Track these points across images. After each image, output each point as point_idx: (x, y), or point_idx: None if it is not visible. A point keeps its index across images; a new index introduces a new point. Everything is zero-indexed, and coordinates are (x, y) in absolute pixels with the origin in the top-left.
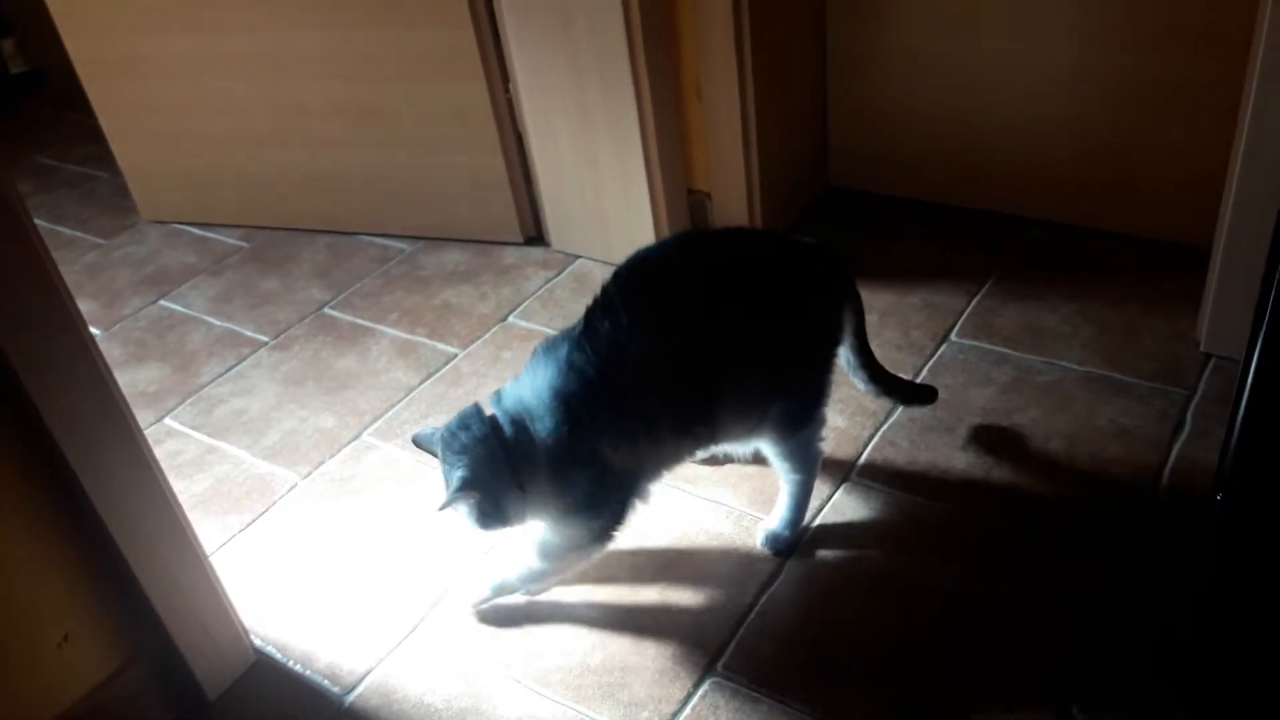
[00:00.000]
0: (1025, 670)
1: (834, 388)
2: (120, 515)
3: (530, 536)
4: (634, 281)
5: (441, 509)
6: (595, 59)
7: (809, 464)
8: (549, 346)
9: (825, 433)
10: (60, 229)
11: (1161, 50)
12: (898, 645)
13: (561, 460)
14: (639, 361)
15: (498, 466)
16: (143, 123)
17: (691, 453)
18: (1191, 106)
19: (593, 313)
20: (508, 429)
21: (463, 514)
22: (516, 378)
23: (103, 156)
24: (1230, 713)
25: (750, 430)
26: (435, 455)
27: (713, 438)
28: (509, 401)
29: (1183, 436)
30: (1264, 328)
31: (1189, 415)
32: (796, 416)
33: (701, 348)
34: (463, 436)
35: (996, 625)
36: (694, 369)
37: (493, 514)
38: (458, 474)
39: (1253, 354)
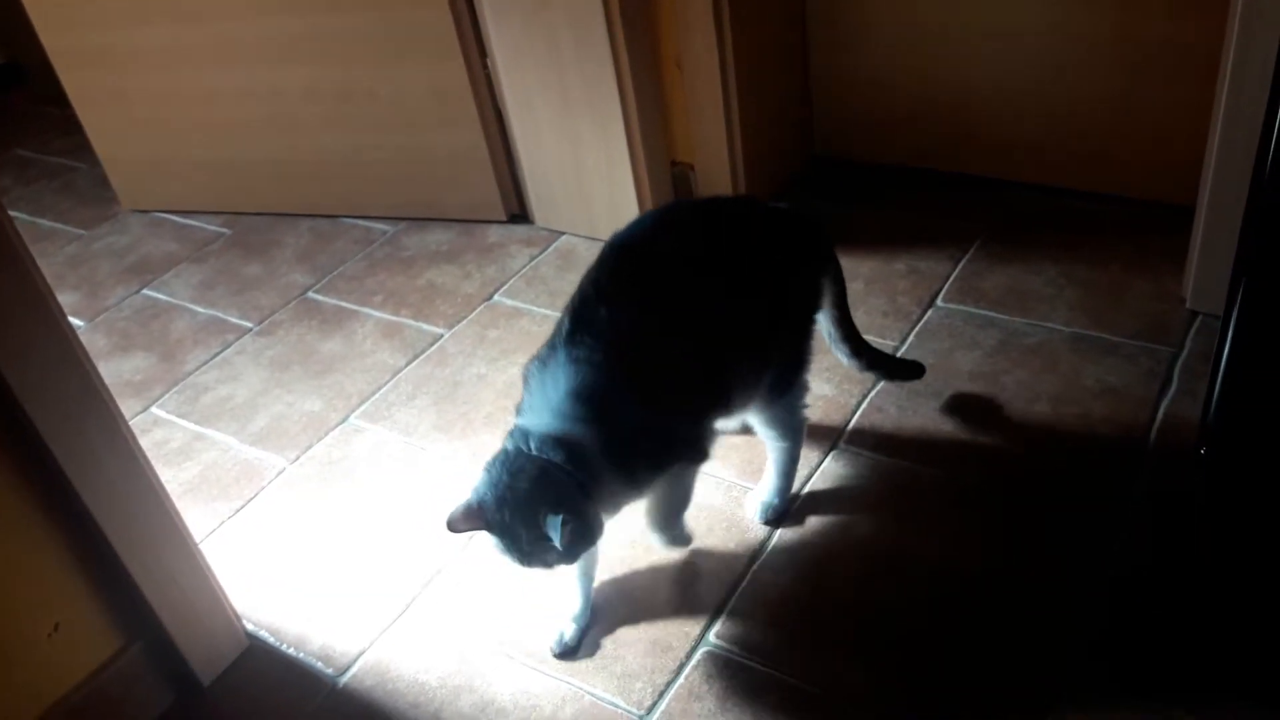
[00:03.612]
0: (1016, 633)
1: (823, 356)
2: (107, 505)
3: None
4: (621, 264)
5: (567, 552)
6: (572, 32)
7: (794, 431)
8: (541, 361)
9: (813, 400)
10: (40, 221)
11: (1140, 11)
12: (888, 610)
13: (617, 449)
14: (644, 337)
15: (569, 488)
16: (120, 113)
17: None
18: (1171, 66)
19: (582, 306)
20: (551, 452)
21: (550, 552)
22: (524, 410)
23: (81, 148)
24: (1221, 669)
25: (750, 400)
26: (483, 525)
27: (726, 412)
28: (536, 429)
29: (1170, 394)
30: (1242, 283)
31: (1175, 372)
32: (780, 383)
33: (699, 323)
34: (522, 480)
35: (987, 588)
36: (695, 347)
37: (583, 534)
38: (546, 511)
39: (1232, 310)
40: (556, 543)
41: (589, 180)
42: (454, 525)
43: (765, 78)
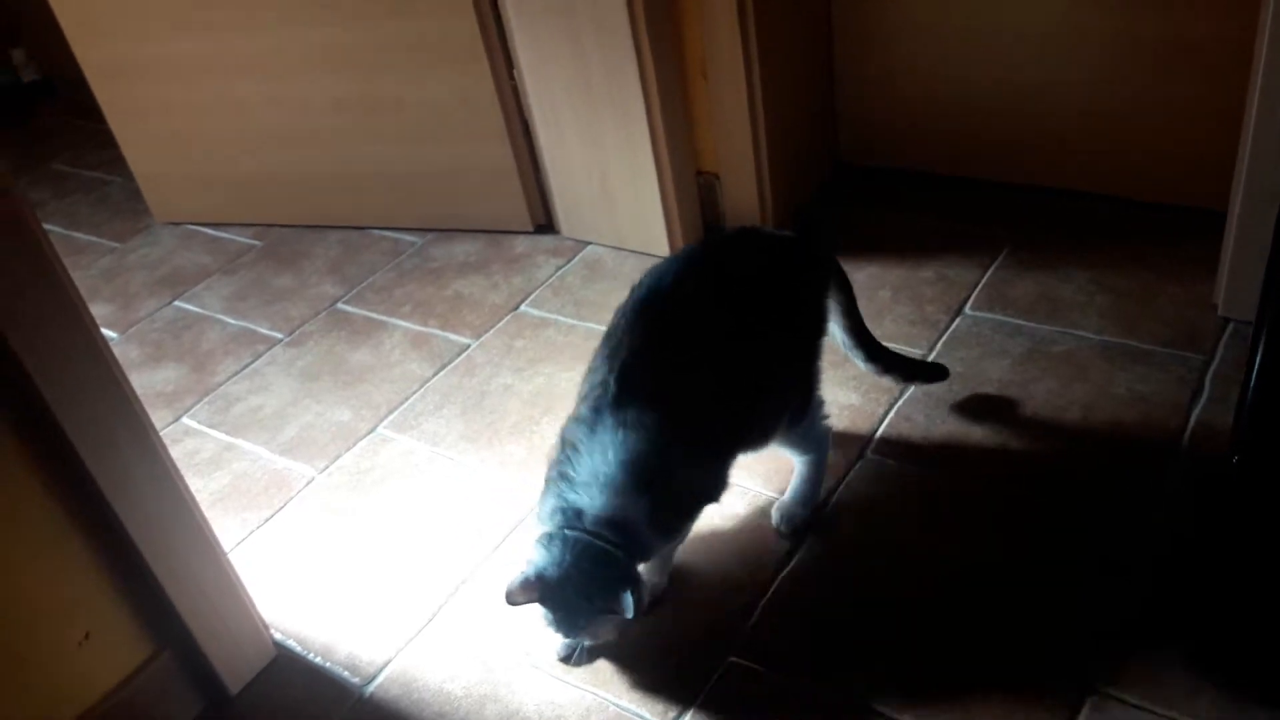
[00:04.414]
0: (1048, 644)
1: (850, 365)
2: (137, 515)
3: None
4: (652, 323)
5: (634, 619)
6: (598, 41)
7: (818, 443)
8: (588, 426)
9: (839, 409)
10: (75, 235)
11: (1167, 9)
12: (917, 623)
13: (663, 516)
14: (686, 395)
15: (627, 565)
16: (152, 126)
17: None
18: (1201, 65)
19: (624, 370)
20: (607, 532)
21: (609, 624)
22: (572, 480)
23: (115, 161)
24: (1251, 678)
25: (777, 430)
26: (539, 599)
27: (764, 443)
28: (590, 509)
29: (1201, 402)
30: (1275, 289)
31: (1207, 380)
32: (799, 408)
33: (732, 371)
34: (585, 562)
35: (1017, 599)
36: (731, 395)
37: (639, 600)
38: (616, 590)
39: (1265, 316)
40: (630, 615)
41: (615, 190)
42: (512, 598)
43: (791, 86)
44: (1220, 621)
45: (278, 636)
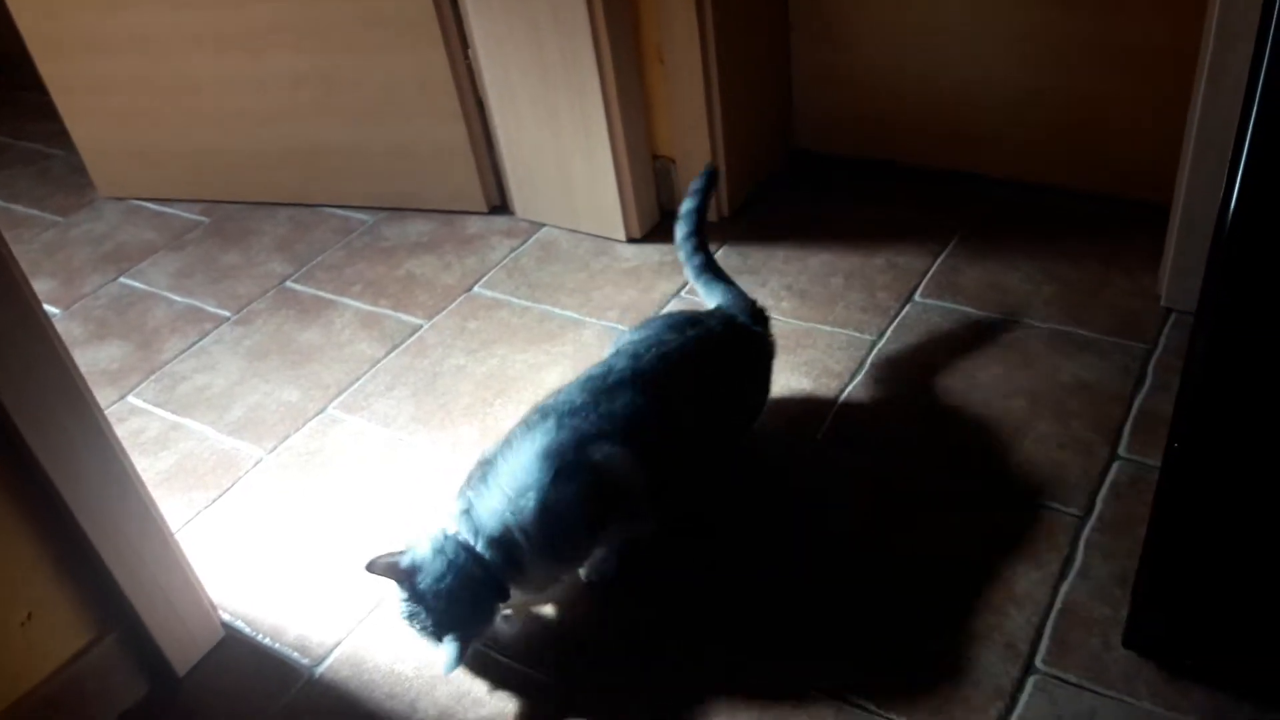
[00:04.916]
0: (990, 626)
1: (801, 350)
2: (82, 495)
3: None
4: (636, 380)
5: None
6: (554, 22)
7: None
8: (528, 425)
9: (790, 394)
10: (15, 208)
11: (1120, 10)
12: (862, 606)
13: (552, 528)
14: (640, 417)
15: (491, 605)
16: (97, 99)
17: None
18: (1150, 65)
19: (592, 399)
20: (492, 553)
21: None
22: (486, 481)
23: (58, 133)
24: (1187, 658)
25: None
26: (400, 585)
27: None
28: (485, 526)
29: (1144, 390)
30: (1214, 281)
31: (1150, 369)
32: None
33: (695, 412)
34: (461, 588)
35: (959, 582)
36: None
37: (458, 658)
38: (455, 631)
39: (1206, 307)
40: (445, 670)
41: (570, 172)
42: (373, 567)
43: (747, 72)
44: (1158, 603)
45: (226, 617)
